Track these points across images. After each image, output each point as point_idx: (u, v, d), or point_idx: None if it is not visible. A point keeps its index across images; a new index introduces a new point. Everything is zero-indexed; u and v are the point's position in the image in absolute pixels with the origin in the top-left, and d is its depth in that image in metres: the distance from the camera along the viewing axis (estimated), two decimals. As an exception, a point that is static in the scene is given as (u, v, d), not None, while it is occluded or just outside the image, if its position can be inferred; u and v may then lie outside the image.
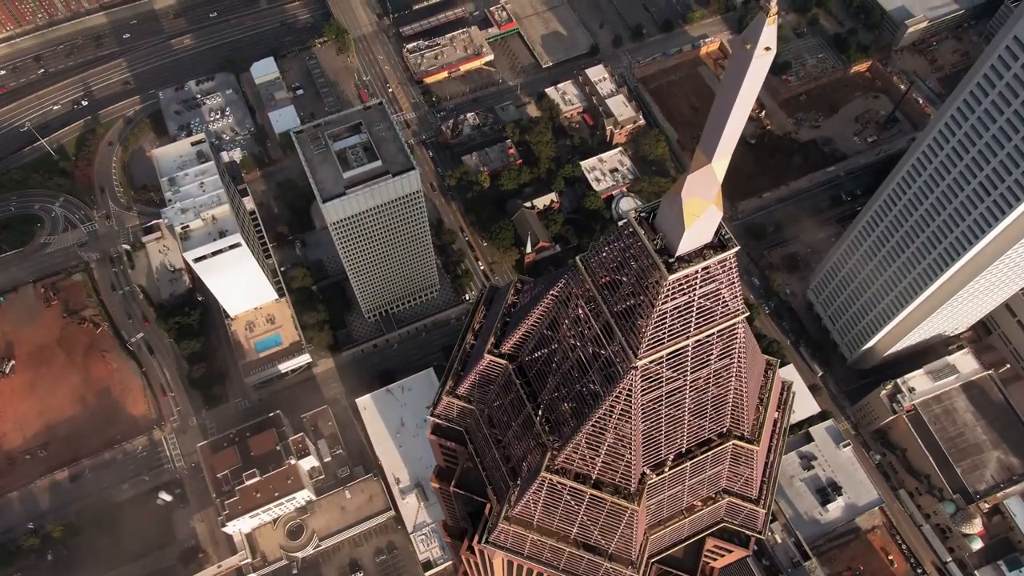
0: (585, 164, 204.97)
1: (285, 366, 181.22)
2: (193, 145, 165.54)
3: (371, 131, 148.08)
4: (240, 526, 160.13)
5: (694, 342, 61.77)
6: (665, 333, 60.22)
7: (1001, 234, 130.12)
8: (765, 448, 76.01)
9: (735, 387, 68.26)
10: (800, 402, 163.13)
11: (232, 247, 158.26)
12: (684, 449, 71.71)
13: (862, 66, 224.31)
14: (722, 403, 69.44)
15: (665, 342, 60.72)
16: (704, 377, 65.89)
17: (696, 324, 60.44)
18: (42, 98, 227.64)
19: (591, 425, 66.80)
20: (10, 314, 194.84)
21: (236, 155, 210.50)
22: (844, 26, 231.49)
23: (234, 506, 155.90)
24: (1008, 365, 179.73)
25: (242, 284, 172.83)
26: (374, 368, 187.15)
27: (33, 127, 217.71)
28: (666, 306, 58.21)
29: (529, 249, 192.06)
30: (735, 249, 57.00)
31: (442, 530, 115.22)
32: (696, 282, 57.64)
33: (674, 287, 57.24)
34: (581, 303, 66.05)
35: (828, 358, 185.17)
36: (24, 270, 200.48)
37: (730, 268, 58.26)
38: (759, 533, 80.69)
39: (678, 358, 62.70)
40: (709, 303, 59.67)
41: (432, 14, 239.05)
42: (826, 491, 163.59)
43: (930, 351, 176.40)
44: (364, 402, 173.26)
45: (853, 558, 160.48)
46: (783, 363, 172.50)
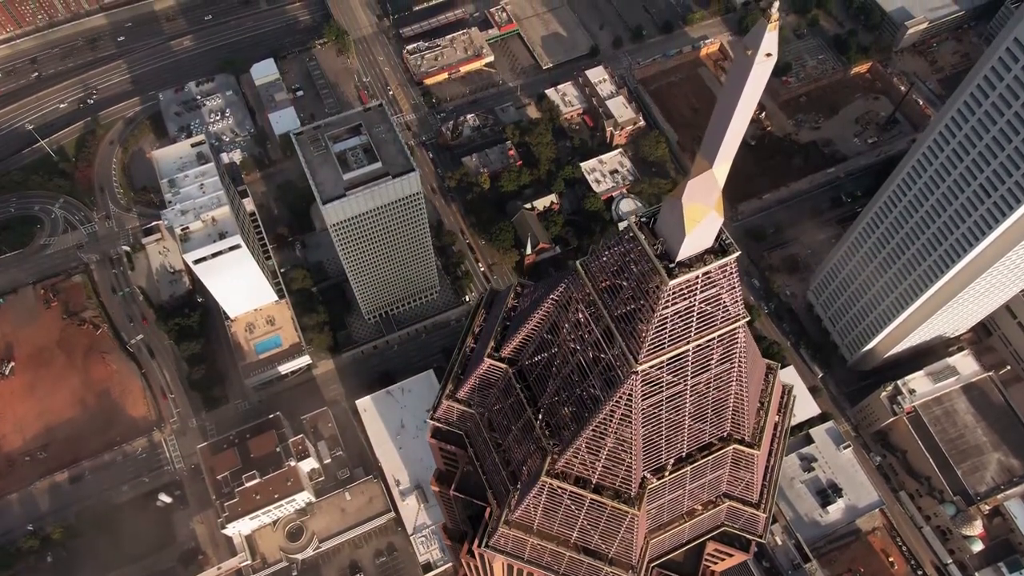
0: (585, 165, 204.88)
1: (285, 368, 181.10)
2: (193, 147, 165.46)
3: (371, 133, 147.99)
4: (240, 528, 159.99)
5: (695, 347, 61.70)
6: (666, 338, 60.15)
7: (1001, 236, 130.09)
8: (766, 452, 75.93)
9: (736, 391, 68.18)
10: (800, 403, 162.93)
11: (232, 248, 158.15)
12: (685, 453, 71.65)
13: (862, 67, 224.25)
14: (723, 407, 69.35)
15: (666, 347, 60.65)
16: (705, 381, 65.82)
17: (697, 329, 60.36)
18: (42, 99, 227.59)
19: (591, 429, 66.69)
20: (10, 315, 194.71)
21: (236, 156, 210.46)
22: (844, 27, 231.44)
23: (234, 508, 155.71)
24: (1008, 367, 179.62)
25: (242, 286, 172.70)
26: (374, 370, 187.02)
27: (33, 128, 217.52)
28: (667, 311, 58.14)
29: (529, 250, 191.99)
30: (736, 254, 56.94)
31: (442, 533, 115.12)
32: (697, 287, 57.57)
33: (675, 292, 57.16)
34: (581, 307, 65.96)
35: (828, 359, 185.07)
36: (24, 271, 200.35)
37: (731, 273, 58.20)
38: (760, 537, 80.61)
39: (679, 363, 62.63)
40: (710, 308, 59.61)
41: (432, 15, 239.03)
42: (826, 493, 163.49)
43: (930, 352, 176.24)
44: (364, 404, 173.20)
45: (853, 560, 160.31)
46: (783, 364, 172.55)
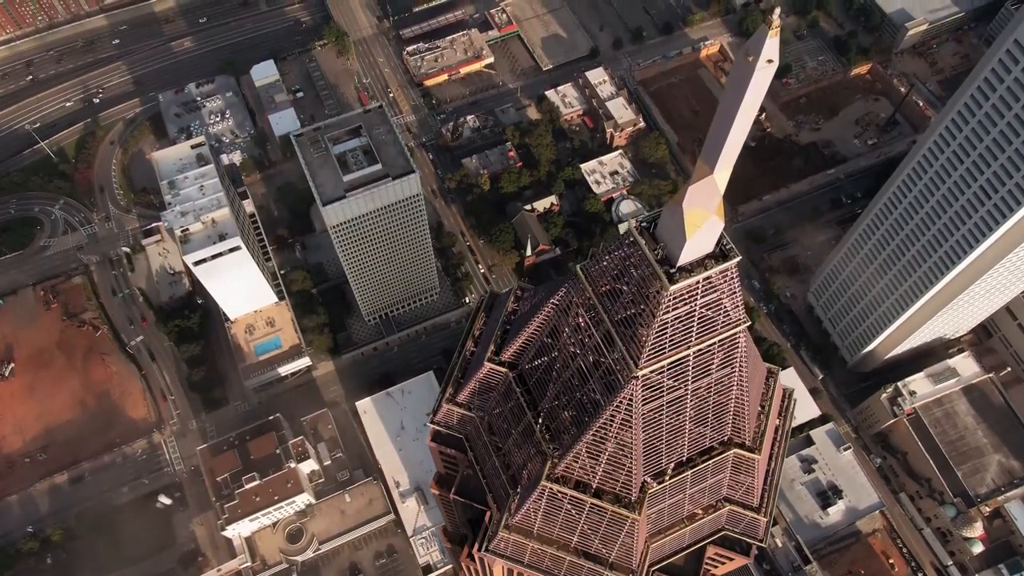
0: (585, 167, 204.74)
1: (285, 369, 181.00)
2: (193, 148, 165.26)
3: (371, 134, 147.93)
4: (240, 530, 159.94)
5: (695, 351, 61.60)
6: (666, 343, 60.05)
7: (1002, 237, 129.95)
8: (766, 456, 75.83)
9: (736, 396, 68.08)
10: (801, 405, 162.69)
11: (232, 250, 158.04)
12: (685, 458, 71.54)
13: (862, 69, 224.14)
14: (723, 412, 69.24)
15: (666, 351, 60.55)
16: (705, 386, 65.71)
17: (697, 334, 60.26)
18: (42, 101, 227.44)
19: (592, 434, 66.60)
20: (9, 317, 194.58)
21: (236, 158, 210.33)
22: (844, 28, 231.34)
23: (234, 510, 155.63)
24: (1009, 368, 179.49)
25: (242, 287, 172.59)
26: (374, 371, 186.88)
27: (33, 129, 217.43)
28: (667, 316, 58.04)
29: (529, 252, 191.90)
30: (736, 259, 56.83)
31: (442, 535, 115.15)
32: (697, 292, 57.46)
33: (675, 297, 57.04)
34: (582, 311, 65.89)
35: (829, 361, 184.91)
36: (24, 273, 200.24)
37: (732, 278, 58.10)
38: (760, 541, 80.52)
39: (679, 367, 62.52)
40: (710, 313, 59.49)
41: (432, 17, 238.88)
42: (827, 495, 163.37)
43: (931, 354, 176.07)
44: (364, 405, 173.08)
45: (854, 562, 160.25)
46: (784, 366, 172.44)
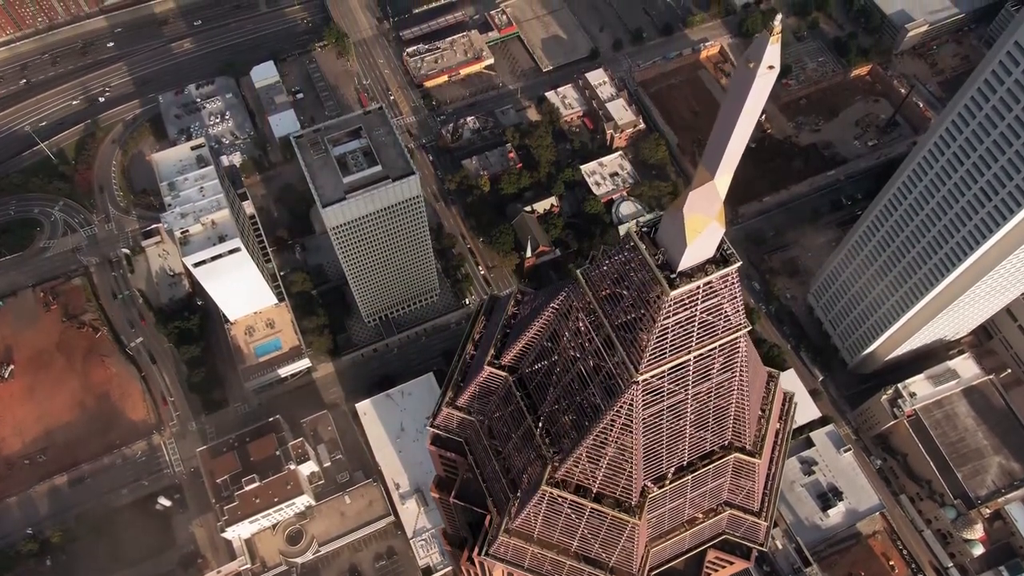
0: (585, 168, 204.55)
1: (285, 371, 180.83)
2: (193, 149, 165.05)
3: (371, 136, 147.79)
4: (239, 531, 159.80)
5: (696, 356, 61.56)
6: (667, 347, 60.02)
7: (1003, 239, 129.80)
8: (767, 460, 75.75)
9: (737, 400, 68.03)
10: (801, 407, 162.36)
11: (232, 252, 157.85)
12: (686, 462, 71.46)
13: (862, 70, 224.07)
14: (724, 416, 69.19)
15: (667, 356, 60.52)
16: (706, 391, 65.68)
17: (698, 338, 60.26)
18: (41, 102, 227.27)
19: (592, 438, 66.57)
20: (9, 318, 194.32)
21: (236, 159, 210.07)
22: (844, 30, 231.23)
23: (233, 511, 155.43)
24: (1009, 370, 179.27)
25: (242, 289, 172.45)
26: (374, 373, 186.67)
27: (32, 131, 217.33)
28: (668, 321, 58.01)
29: (529, 253, 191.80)
30: (737, 264, 56.81)
31: (442, 538, 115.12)
32: (698, 297, 57.44)
33: (676, 302, 57.01)
34: (582, 316, 65.86)
35: (829, 363, 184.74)
36: (23, 274, 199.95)
37: (732, 283, 58.08)
38: (761, 545, 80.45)
39: (680, 372, 62.50)
40: (711, 318, 59.46)
41: (432, 18, 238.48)
42: (827, 496, 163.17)
43: (931, 356, 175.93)
44: (364, 407, 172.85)
45: (854, 564, 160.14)
46: (784, 367, 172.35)
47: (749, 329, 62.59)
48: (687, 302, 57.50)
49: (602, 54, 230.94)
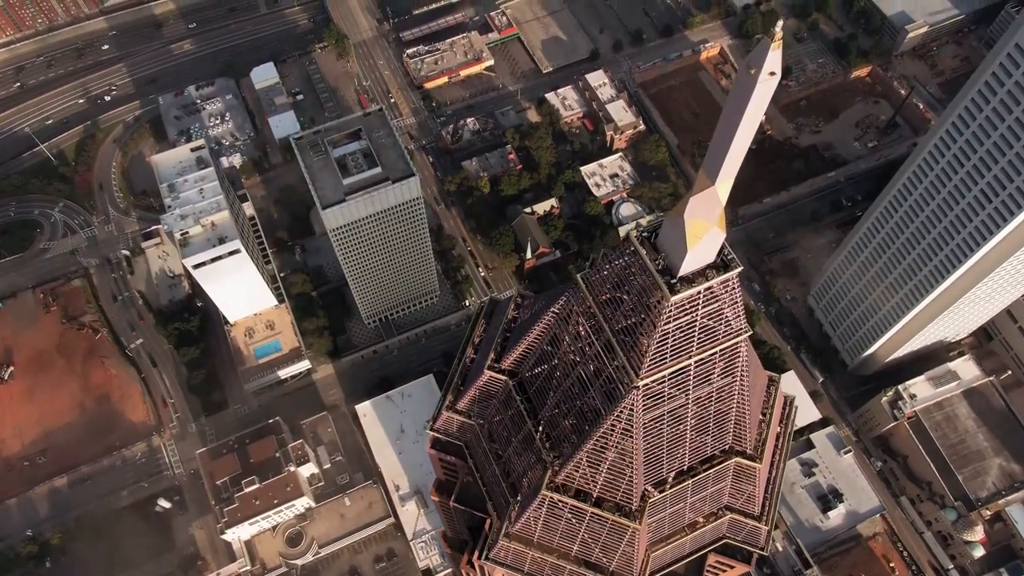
0: (585, 170, 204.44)
1: (284, 372, 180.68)
2: (193, 151, 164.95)
3: (371, 137, 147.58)
4: (239, 533, 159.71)
5: (696, 361, 61.43)
6: (667, 352, 59.92)
7: (1003, 241, 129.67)
8: (767, 464, 75.61)
9: (737, 404, 67.91)
10: (801, 409, 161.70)
11: (231, 253, 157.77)
12: (686, 467, 71.33)
13: (862, 71, 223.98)
14: (724, 420, 69.08)
15: (667, 361, 60.42)
16: (706, 395, 65.58)
17: (699, 343, 60.15)
18: (41, 103, 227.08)
19: (592, 443, 66.45)
20: (9, 320, 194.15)
21: (236, 160, 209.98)
22: (844, 31, 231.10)
23: (233, 513, 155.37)
24: (1009, 371, 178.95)
25: (241, 290, 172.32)
26: (374, 374, 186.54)
27: (32, 132, 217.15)
28: (668, 326, 57.92)
29: (529, 255, 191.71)
30: (738, 269, 56.69)
31: (442, 541, 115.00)
32: (699, 302, 57.32)
33: (676, 307, 56.89)
34: (582, 320, 65.73)
35: (829, 364, 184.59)
36: (23, 276, 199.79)
37: (733, 288, 57.99)
38: (761, 549, 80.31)
39: (680, 377, 62.41)
40: (712, 322, 59.36)
41: (432, 19, 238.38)
42: (827, 498, 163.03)
43: (931, 357, 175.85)
44: (364, 408, 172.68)
45: (854, 566, 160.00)
46: (784, 369, 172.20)
47: (750, 334, 62.45)
48: (688, 307, 57.40)
49: (602, 55, 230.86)
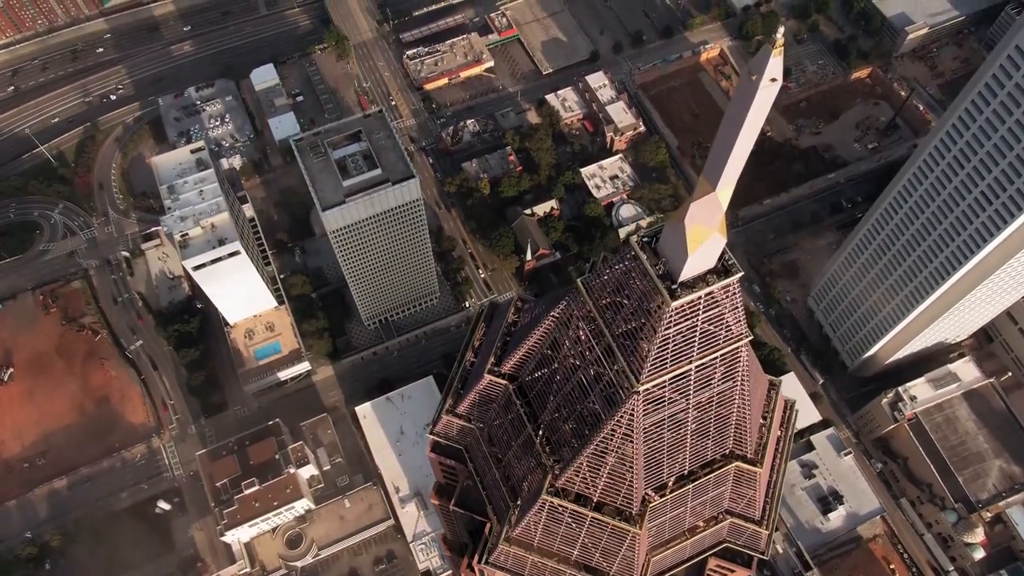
0: (585, 171, 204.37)
1: (284, 374, 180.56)
2: (192, 153, 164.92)
3: (371, 139, 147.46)
4: (239, 535, 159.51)
5: (697, 366, 61.33)
6: (668, 357, 59.84)
7: (1003, 243, 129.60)
8: (768, 469, 75.50)
9: (738, 409, 67.79)
10: (801, 410, 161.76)
11: (231, 255, 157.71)
12: (687, 471, 71.22)
13: (862, 72, 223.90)
14: (725, 425, 68.96)
15: (668, 366, 60.34)
16: (707, 400, 65.49)
17: (699, 348, 60.07)
18: (41, 105, 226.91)
19: (592, 447, 66.34)
20: (9, 321, 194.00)
21: (236, 162, 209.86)
22: (844, 32, 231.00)
23: (233, 515, 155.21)
24: (1010, 373, 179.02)
25: (241, 292, 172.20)
26: (374, 376, 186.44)
27: (32, 133, 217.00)
28: (669, 331, 57.84)
29: (529, 256, 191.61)
30: (739, 275, 56.61)
31: (442, 543, 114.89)
32: (699, 308, 57.24)
33: (677, 312, 56.78)
34: (582, 324, 65.63)
35: (829, 366, 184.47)
36: (23, 277, 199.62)
37: (734, 293, 57.89)
38: (762, 553, 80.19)
39: (681, 382, 62.28)
40: (712, 328, 59.27)
41: (432, 21, 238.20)
42: (827, 500, 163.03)
43: (931, 359, 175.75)
44: (364, 410, 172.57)
45: (855, 567, 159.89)
46: (784, 371, 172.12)
47: (750, 339, 62.35)
48: (688, 312, 57.32)
49: (602, 57, 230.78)
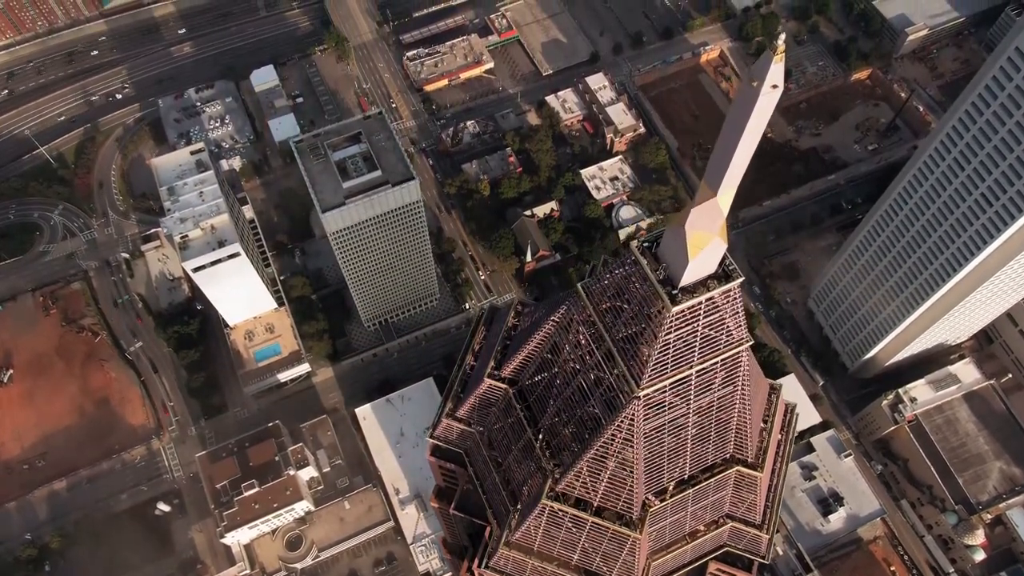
0: (585, 172, 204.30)
1: (284, 376, 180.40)
2: (192, 154, 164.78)
3: (371, 141, 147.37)
4: (239, 537, 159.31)
5: (697, 371, 61.22)
6: (668, 362, 59.73)
7: (1004, 244, 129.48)
8: (768, 473, 75.39)
9: (738, 414, 67.67)
10: (801, 412, 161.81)
11: (231, 257, 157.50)
12: (687, 475, 71.10)
13: (862, 74, 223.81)
14: (725, 430, 68.86)
15: (668, 371, 60.19)
16: (707, 405, 65.39)
17: (700, 353, 59.97)
18: (41, 106, 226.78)
19: (593, 452, 66.21)
20: (8, 323, 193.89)
21: (235, 163, 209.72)
22: (844, 34, 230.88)
23: (233, 517, 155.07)
24: (1010, 375, 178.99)
25: (241, 293, 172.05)
26: (374, 377, 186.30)
27: (32, 134, 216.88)
28: (669, 336, 57.74)
29: (529, 258, 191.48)
30: (739, 280, 56.49)
31: (442, 546, 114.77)
32: (700, 313, 57.13)
33: (677, 318, 56.67)
34: (583, 329, 65.49)
35: (829, 367, 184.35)
36: (23, 278, 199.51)
37: (734, 298, 57.76)
38: (762, 558, 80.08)
39: (681, 386, 62.17)
40: (713, 332, 59.18)
41: (432, 22, 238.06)
42: (827, 502, 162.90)
43: (932, 360, 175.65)
44: (364, 412, 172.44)
45: (855, 569, 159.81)
46: (784, 372, 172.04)
47: (751, 343, 62.24)
48: (689, 317, 57.22)
49: (602, 58, 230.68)
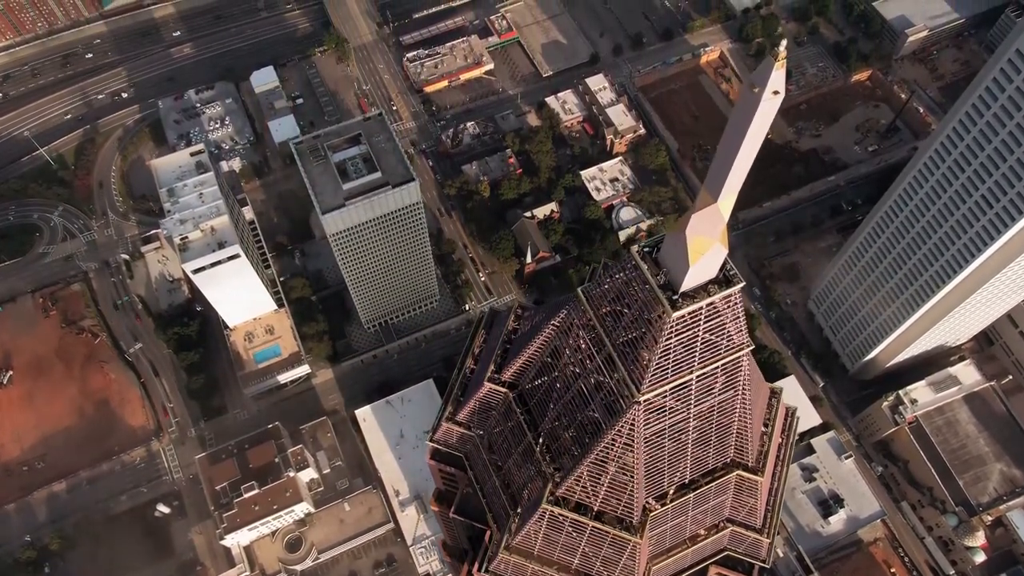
0: (585, 174, 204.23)
1: (284, 377, 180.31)
2: (192, 155, 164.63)
3: (371, 142, 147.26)
4: (238, 539, 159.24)
5: (698, 375, 61.13)
6: (669, 367, 59.64)
7: (1004, 246, 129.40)
8: (769, 477, 75.32)
9: (739, 418, 67.58)
10: (801, 414, 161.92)
11: (231, 258, 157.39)
12: (688, 480, 71.01)
13: (862, 75, 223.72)
14: (726, 434, 68.77)
15: (669, 376, 60.10)
16: (708, 409, 65.31)
17: (701, 358, 59.86)
18: (41, 107, 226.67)
19: (593, 456, 66.12)
20: (8, 324, 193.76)
21: (235, 164, 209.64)
22: (844, 35, 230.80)
23: (232, 519, 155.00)
24: (1010, 376, 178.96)
25: (241, 295, 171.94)
26: (373, 379, 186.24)
27: (32, 136, 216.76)
28: (670, 341, 57.62)
29: (529, 259, 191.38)
30: (740, 285, 56.41)
31: (442, 549, 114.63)
32: (701, 318, 57.03)
33: (678, 323, 56.57)
34: (583, 333, 65.38)
35: (829, 369, 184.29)
36: (22, 280, 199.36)
37: (735, 303, 57.66)
38: (763, 562, 80.00)
39: (682, 391, 62.08)
40: (714, 337, 59.09)
41: (432, 23, 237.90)
42: (828, 503, 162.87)
43: (932, 362, 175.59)
44: (363, 413, 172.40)
45: (855, 571, 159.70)
46: (784, 373, 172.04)
47: (752, 348, 62.14)
48: (690, 322, 57.14)
49: (602, 59, 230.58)
